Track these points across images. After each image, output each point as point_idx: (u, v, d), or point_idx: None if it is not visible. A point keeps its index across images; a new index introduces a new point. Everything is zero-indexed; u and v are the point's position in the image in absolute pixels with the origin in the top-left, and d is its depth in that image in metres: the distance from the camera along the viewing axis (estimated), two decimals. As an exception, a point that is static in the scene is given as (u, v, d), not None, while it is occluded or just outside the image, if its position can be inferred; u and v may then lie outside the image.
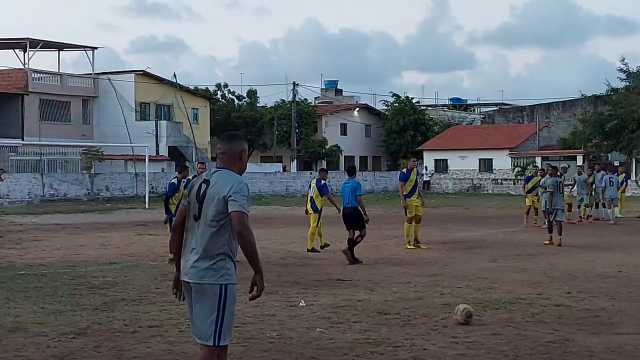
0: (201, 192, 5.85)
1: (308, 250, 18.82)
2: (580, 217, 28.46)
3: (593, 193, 29.01)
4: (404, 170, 19.65)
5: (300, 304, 11.16)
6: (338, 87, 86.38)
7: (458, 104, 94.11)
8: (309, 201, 19.41)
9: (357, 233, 16.97)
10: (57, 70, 60.05)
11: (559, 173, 21.62)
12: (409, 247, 19.16)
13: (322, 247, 18.95)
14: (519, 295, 11.81)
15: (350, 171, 18.13)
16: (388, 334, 9.18)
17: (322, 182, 19.33)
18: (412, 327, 9.62)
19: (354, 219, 16.79)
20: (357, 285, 13.19)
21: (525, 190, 27.06)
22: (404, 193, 19.20)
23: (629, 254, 17.78)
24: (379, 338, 8.94)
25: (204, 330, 5.74)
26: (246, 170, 6.12)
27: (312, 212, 19.18)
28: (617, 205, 29.04)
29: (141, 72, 61.41)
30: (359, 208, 16.96)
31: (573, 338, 8.92)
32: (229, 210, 5.69)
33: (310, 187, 19.76)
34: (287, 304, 11.22)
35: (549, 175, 21.42)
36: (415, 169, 19.50)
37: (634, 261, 16.29)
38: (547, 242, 20.05)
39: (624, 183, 31.04)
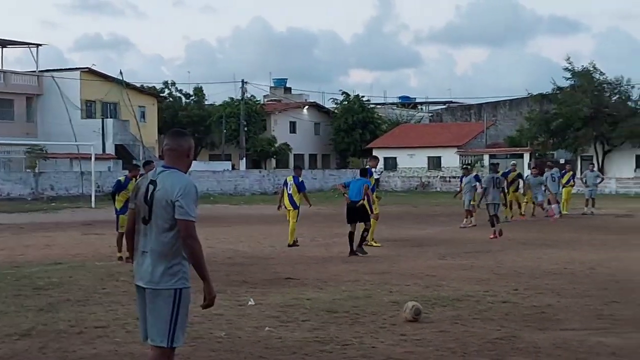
0: (149, 194, 5.72)
1: (289, 245, 19.20)
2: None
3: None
4: (367, 167, 19.74)
5: (249, 303, 11.09)
6: (287, 86, 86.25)
7: (406, 102, 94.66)
8: (286, 198, 19.78)
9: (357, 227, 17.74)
10: (0, 68, 59.01)
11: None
12: (375, 244, 19.18)
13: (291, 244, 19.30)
14: (467, 293, 11.89)
15: (363, 173, 18.74)
16: (337, 332, 9.16)
17: (300, 179, 19.78)
18: (361, 325, 9.61)
19: (360, 212, 17.62)
20: (306, 284, 13.15)
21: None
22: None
23: (574, 250, 18.01)
24: (328, 337, 8.92)
25: (158, 332, 5.67)
26: (194, 169, 6.04)
27: (291, 208, 19.63)
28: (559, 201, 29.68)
29: (87, 70, 60.62)
30: (365, 203, 17.77)
31: (520, 334, 8.99)
32: (175, 216, 5.61)
33: (286, 184, 20.03)
34: (235, 303, 11.14)
35: (490, 172, 22.34)
36: (378, 169, 19.87)
37: (580, 258, 16.51)
38: (492, 237, 20.77)
39: (571, 181, 31.38)
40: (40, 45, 60.97)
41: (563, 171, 31.57)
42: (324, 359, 7.97)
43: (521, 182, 28.81)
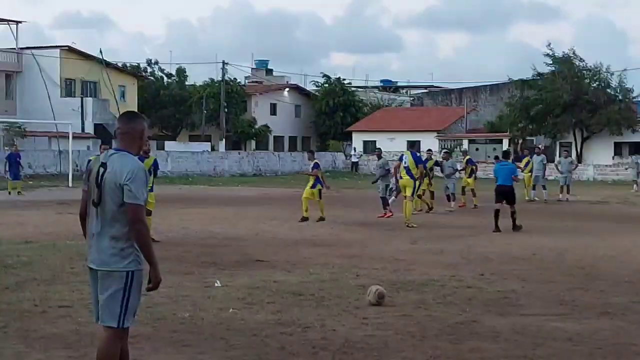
0: (99, 176, 5.75)
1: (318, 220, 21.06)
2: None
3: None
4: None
5: (216, 285, 11.12)
6: (269, 67, 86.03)
7: (388, 86, 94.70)
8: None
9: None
10: (-21, 45, 58.61)
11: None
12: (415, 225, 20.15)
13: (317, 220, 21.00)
14: (433, 277, 11.96)
15: (506, 155, 21.30)
16: (300, 315, 9.21)
17: (313, 162, 21.73)
18: (325, 308, 9.66)
19: (509, 196, 19.57)
20: (275, 266, 13.19)
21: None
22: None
23: (545, 237, 18.14)
24: (290, 319, 8.97)
25: (109, 314, 5.73)
26: (173, 149, 6.06)
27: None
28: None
29: (66, 48, 60.25)
30: (513, 187, 19.93)
31: (480, 319, 9.07)
32: (124, 200, 5.64)
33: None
34: (202, 284, 11.17)
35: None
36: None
37: (549, 244, 16.63)
38: (380, 216, 22.58)
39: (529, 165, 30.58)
40: (20, 22, 60.53)
41: (522, 155, 31.12)
42: (283, 341, 8.02)
43: (438, 169, 27.82)
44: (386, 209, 23.02)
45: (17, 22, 60.07)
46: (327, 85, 73.83)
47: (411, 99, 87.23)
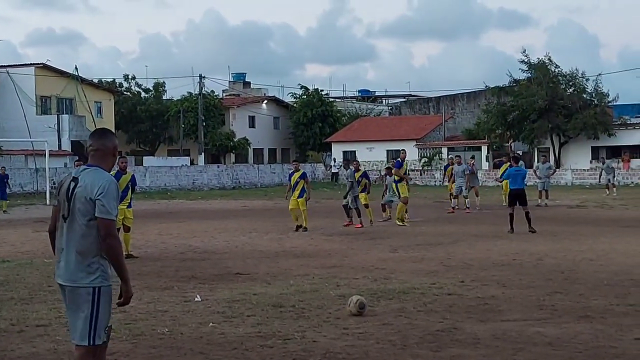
0: (69, 190, 5.70)
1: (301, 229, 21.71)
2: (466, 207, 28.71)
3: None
4: (399, 159, 23.91)
5: (196, 299, 11.05)
6: (246, 80, 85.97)
7: (366, 96, 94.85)
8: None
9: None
10: (-46, 64, 58.18)
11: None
12: (402, 224, 22.75)
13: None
14: (414, 285, 11.95)
15: (516, 160, 22.26)
16: (280, 327, 9.16)
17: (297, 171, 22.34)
18: (305, 319, 9.62)
19: (522, 198, 20.62)
20: (255, 278, 13.14)
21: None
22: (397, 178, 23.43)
23: (525, 242, 18.18)
24: (271, 331, 8.91)
25: (79, 331, 5.66)
26: (152, 164, 6.01)
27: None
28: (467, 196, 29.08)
29: (41, 65, 59.94)
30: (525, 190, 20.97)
31: (461, 326, 9.06)
32: (96, 214, 5.58)
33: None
34: (181, 299, 11.10)
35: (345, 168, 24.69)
36: (405, 160, 24.04)
37: (529, 249, 16.68)
38: (347, 224, 23.00)
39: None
40: (-5, 40, 60.19)
41: (500, 162, 30.08)
42: (264, 354, 7.96)
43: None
44: (350, 217, 23.25)
45: (-9, 41, 59.78)
46: (305, 96, 73.81)
47: (389, 108, 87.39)
